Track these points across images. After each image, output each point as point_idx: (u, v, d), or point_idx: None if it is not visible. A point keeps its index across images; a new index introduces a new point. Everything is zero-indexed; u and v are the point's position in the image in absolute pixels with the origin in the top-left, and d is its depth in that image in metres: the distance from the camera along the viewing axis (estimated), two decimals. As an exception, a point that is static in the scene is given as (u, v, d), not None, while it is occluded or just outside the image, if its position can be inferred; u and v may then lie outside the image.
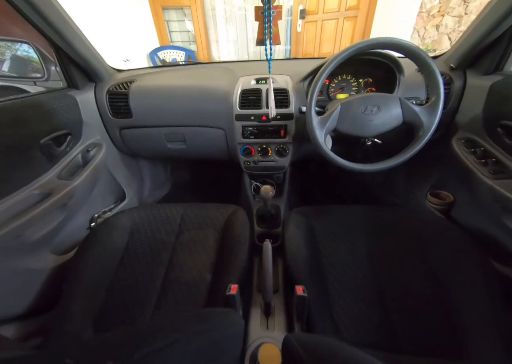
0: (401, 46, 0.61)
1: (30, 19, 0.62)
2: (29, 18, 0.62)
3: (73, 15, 0.69)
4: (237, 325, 0.38)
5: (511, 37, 0.64)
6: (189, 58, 3.13)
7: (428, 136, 0.66)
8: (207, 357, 0.26)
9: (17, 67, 0.78)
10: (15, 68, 0.78)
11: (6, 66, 0.78)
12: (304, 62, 1.04)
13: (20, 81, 0.77)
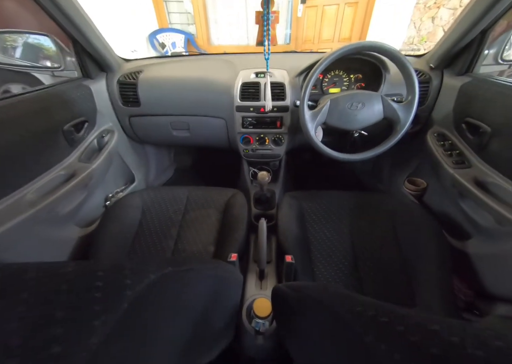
0: (384, 50, 0.70)
1: (53, 14, 0.68)
2: (51, 13, 0.68)
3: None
4: (237, 276, 0.50)
5: (481, 41, 0.72)
6: (188, 42, 3.10)
7: (404, 130, 0.76)
8: (214, 288, 0.36)
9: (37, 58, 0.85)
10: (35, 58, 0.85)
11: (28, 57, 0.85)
12: (301, 56, 1.11)
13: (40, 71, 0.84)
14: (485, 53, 0.75)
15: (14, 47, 0.86)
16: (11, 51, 0.84)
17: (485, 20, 0.65)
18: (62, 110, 0.74)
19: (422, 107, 0.90)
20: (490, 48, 0.75)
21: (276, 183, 1.13)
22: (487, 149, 0.67)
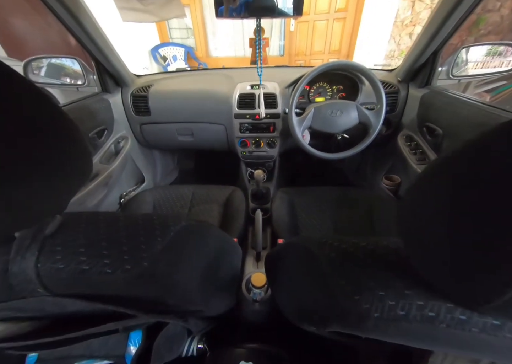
0: (357, 68, 0.85)
1: (82, 40, 0.83)
2: (80, 39, 0.83)
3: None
4: (238, 249, 0.61)
5: (434, 60, 0.88)
6: (188, 55, 3.29)
7: (376, 132, 0.91)
8: (221, 245, 0.44)
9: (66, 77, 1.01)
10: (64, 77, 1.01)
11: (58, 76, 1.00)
12: (290, 70, 1.27)
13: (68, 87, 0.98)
14: (439, 70, 0.91)
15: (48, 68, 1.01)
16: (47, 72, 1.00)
17: (434, 43, 0.81)
18: (88, 120, 0.88)
19: (393, 113, 1.05)
20: (443, 66, 0.91)
21: (271, 182, 1.27)
22: (441, 147, 0.81)
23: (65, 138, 0.24)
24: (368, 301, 0.23)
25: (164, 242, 0.30)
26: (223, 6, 0.73)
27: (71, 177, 0.26)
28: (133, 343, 0.40)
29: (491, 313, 0.19)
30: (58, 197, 0.26)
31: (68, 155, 0.24)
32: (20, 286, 0.25)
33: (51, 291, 0.26)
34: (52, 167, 0.23)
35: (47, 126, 0.22)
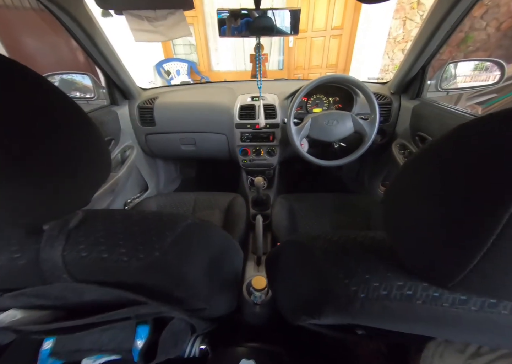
0: (351, 81, 0.91)
1: (94, 57, 0.89)
2: (93, 57, 0.89)
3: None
4: (239, 250, 0.62)
5: (422, 74, 0.94)
6: (191, 70, 3.43)
7: (371, 141, 0.95)
8: (224, 243, 0.46)
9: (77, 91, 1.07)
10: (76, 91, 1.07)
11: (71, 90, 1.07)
12: (289, 83, 1.33)
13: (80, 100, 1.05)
14: (428, 83, 0.97)
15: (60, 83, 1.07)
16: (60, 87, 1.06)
17: (422, 59, 0.87)
18: None
19: (387, 123, 1.10)
20: (432, 80, 0.97)
21: (270, 189, 1.30)
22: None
23: (89, 139, 0.28)
24: (356, 283, 0.26)
25: (173, 236, 0.33)
26: (225, 26, 0.80)
27: (94, 174, 0.29)
28: (140, 338, 0.42)
29: (457, 289, 0.22)
30: (82, 192, 0.29)
31: (91, 153, 0.28)
32: (49, 271, 0.28)
33: (74, 277, 0.29)
34: (79, 165, 0.27)
35: (75, 127, 0.26)
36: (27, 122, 0.22)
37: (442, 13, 0.72)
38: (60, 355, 0.40)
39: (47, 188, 0.24)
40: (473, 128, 0.20)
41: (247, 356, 0.50)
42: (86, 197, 0.30)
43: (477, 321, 0.24)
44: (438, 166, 0.21)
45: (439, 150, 0.22)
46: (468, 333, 0.26)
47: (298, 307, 0.36)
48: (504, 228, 0.16)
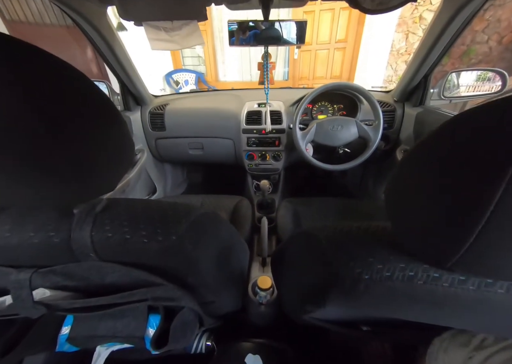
0: (354, 88, 0.94)
1: (112, 65, 0.95)
2: (110, 64, 0.95)
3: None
4: (246, 248, 0.64)
5: (425, 83, 0.97)
6: (199, 80, 3.55)
7: (375, 146, 0.97)
8: (231, 237, 0.47)
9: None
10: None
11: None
12: (294, 91, 1.38)
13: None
14: (431, 91, 1.00)
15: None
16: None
17: (424, 68, 0.91)
18: None
19: (391, 130, 1.13)
20: (435, 88, 1.00)
21: (276, 193, 1.32)
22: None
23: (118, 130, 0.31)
24: (360, 266, 0.28)
25: (188, 223, 0.35)
26: (234, 37, 0.85)
27: (119, 163, 0.32)
28: (152, 326, 0.44)
29: (455, 269, 0.23)
30: (109, 179, 0.32)
31: (119, 144, 0.31)
32: (78, 250, 0.30)
33: (100, 256, 0.31)
34: (108, 154, 0.30)
35: (106, 118, 0.29)
36: (64, 113, 0.24)
37: (442, 25, 0.76)
38: (76, 340, 0.41)
39: (79, 174, 0.27)
40: (463, 119, 0.22)
41: (253, 351, 0.51)
42: (111, 183, 0.32)
43: (475, 300, 0.25)
44: (434, 154, 0.23)
45: (434, 140, 0.24)
46: (466, 313, 0.27)
47: (303, 297, 0.37)
48: (496, 207, 0.18)
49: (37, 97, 0.22)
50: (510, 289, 0.24)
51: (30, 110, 0.21)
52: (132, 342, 0.43)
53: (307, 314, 0.38)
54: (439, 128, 0.23)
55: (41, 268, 0.31)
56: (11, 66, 0.20)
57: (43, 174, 0.24)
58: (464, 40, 2.22)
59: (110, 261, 0.31)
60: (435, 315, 0.29)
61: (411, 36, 2.56)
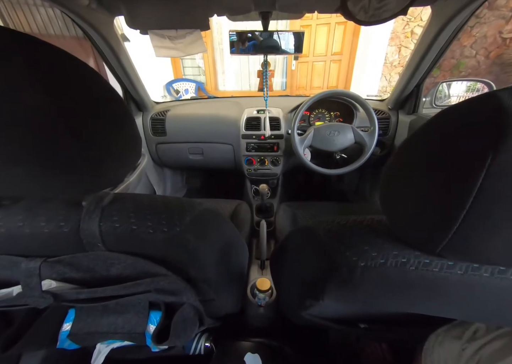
0: (350, 95, 0.98)
1: (116, 72, 0.98)
2: (115, 72, 0.98)
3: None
4: (245, 247, 0.64)
5: (417, 92, 1.02)
6: (199, 89, 3.63)
7: (371, 151, 1.00)
8: (232, 234, 0.47)
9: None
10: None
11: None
12: (292, 99, 1.42)
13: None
14: (424, 100, 1.04)
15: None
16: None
17: (415, 78, 0.96)
18: None
19: (386, 136, 1.16)
20: (427, 97, 1.04)
21: (274, 198, 1.33)
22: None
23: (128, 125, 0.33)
24: (356, 254, 0.29)
25: (191, 217, 0.37)
26: (234, 48, 0.89)
27: (127, 156, 0.34)
28: (152, 323, 0.44)
29: (444, 253, 0.24)
30: (117, 172, 0.33)
31: (129, 138, 0.33)
32: (86, 239, 0.31)
33: (107, 246, 0.32)
34: (120, 147, 0.31)
35: (115, 112, 0.30)
36: (80, 108, 0.25)
37: (431, 37, 0.81)
38: (77, 337, 0.41)
39: (91, 167, 0.28)
40: (447, 115, 0.24)
41: (252, 350, 0.51)
42: (119, 176, 0.34)
43: (462, 284, 0.27)
44: (422, 148, 0.25)
45: (422, 135, 0.26)
46: (456, 298, 0.29)
47: (302, 292, 0.38)
48: (477, 193, 0.19)
49: (56, 92, 0.23)
50: (494, 273, 0.26)
51: (50, 103, 0.23)
52: (133, 339, 0.43)
53: (305, 310, 0.39)
54: (426, 124, 0.26)
55: (50, 257, 0.32)
56: (36, 62, 0.22)
57: (56, 167, 0.26)
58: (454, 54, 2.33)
59: (117, 251, 0.32)
60: (427, 303, 0.31)
61: (404, 49, 2.68)
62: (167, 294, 0.37)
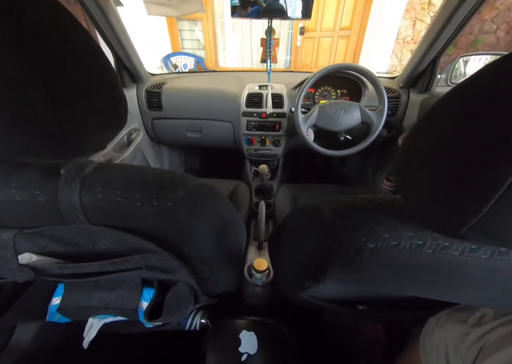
0: (359, 69, 0.91)
1: (106, 36, 0.90)
2: (105, 36, 0.90)
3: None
4: (243, 226, 0.61)
5: (433, 67, 0.94)
6: (198, 64, 3.44)
7: (378, 132, 0.95)
8: (229, 212, 0.45)
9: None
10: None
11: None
12: (296, 75, 1.33)
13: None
14: (438, 77, 0.97)
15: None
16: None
17: (432, 51, 0.87)
18: None
19: (395, 117, 1.10)
20: (442, 74, 0.97)
21: (274, 180, 1.30)
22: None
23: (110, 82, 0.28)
24: (365, 235, 0.27)
25: (184, 191, 0.33)
26: (236, 13, 0.80)
27: (110, 119, 0.30)
28: (145, 299, 0.42)
29: (468, 236, 0.22)
30: (98, 135, 0.30)
31: (109, 97, 0.28)
32: (66, 211, 0.28)
33: (90, 219, 0.29)
34: (95, 107, 0.27)
35: (102, 73, 0.26)
36: (58, 65, 0.22)
37: (451, 8, 0.73)
38: (67, 311, 0.40)
39: (66, 128, 0.25)
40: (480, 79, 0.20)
41: (248, 328, 0.51)
42: (101, 141, 0.30)
43: (485, 269, 0.24)
44: (451, 116, 0.21)
45: (453, 100, 0.22)
46: (473, 283, 0.27)
47: (301, 272, 0.36)
48: None
49: (32, 49, 0.20)
50: None
51: (16, 52, 0.20)
52: (125, 314, 0.42)
53: (303, 291, 0.37)
54: (454, 92, 0.21)
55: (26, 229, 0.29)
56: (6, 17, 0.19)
57: (26, 125, 0.23)
58: (472, 29, 2.16)
59: (102, 225, 0.30)
60: (439, 287, 0.28)
61: (419, 23, 2.47)
62: (159, 272, 0.35)
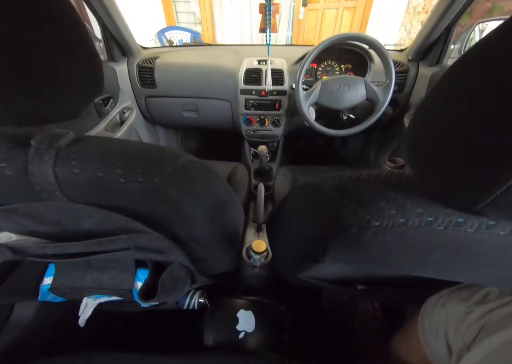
0: (365, 39, 0.84)
1: (91, 3, 0.82)
2: (90, 2, 0.82)
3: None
4: (241, 208, 0.60)
5: (446, 36, 0.87)
6: (194, 40, 3.25)
7: (383, 109, 0.90)
8: (226, 191, 0.43)
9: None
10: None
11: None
12: (298, 49, 1.25)
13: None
14: (451, 48, 0.89)
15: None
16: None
17: (448, 17, 0.80)
18: None
19: (401, 94, 1.04)
20: (455, 44, 0.89)
21: (273, 162, 1.27)
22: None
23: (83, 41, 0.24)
24: (370, 212, 0.24)
25: (174, 167, 0.31)
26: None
27: (83, 82, 0.26)
28: (140, 280, 0.41)
29: (486, 211, 0.20)
30: (70, 100, 0.26)
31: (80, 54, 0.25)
32: (39, 186, 0.26)
33: (68, 196, 0.27)
34: (64, 67, 0.24)
35: (70, 25, 0.23)
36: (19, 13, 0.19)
37: None
38: (59, 291, 0.39)
39: (26, 88, 0.22)
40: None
41: (245, 307, 0.50)
42: (75, 107, 0.27)
43: (502, 245, 0.22)
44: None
45: (466, 72, 0.18)
46: (488, 261, 0.25)
47: (301, 253, 0.35)
48: None
49: None
50: None
51: None
52: (119, 295, 0.42)
53: (302, 271, 0.36)
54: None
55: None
56: None
57: None
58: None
59: (82, 202, 0.27)
60: (449, 267, 0.27)
61: (432, -10, 2.27)
62: (151, 252, 0.33)
